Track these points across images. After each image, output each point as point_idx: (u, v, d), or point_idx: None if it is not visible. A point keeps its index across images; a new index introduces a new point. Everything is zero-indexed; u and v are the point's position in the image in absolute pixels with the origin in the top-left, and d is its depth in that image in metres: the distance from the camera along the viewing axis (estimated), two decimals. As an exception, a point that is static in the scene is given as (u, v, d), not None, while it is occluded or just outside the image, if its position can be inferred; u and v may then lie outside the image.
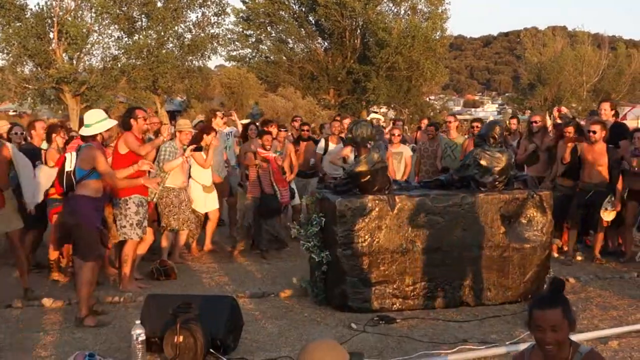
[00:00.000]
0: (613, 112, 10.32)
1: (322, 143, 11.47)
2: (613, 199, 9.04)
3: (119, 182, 7.30)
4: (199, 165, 9.61)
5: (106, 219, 7.68)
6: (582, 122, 10.41)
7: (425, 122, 14.10)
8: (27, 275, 7.92)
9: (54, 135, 8.96)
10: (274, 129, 10.68)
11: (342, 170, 9.78)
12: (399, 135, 11.53)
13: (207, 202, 9.87)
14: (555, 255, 9.48)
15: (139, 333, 5.51)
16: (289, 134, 12.47)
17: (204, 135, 9.54)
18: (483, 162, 7.50)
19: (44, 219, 8.72)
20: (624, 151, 9.30)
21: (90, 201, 6.80)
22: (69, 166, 6.86)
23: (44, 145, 9.31)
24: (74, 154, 6.93)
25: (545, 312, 3.40)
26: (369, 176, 7.15)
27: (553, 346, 3.37)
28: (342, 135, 11.14)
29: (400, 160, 11.04)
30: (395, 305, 7.13)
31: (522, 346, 5.62)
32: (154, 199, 8.70)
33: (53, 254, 8.67)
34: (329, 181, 9.25)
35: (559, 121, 10.73)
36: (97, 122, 6.99)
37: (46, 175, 8.27)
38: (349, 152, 9.52)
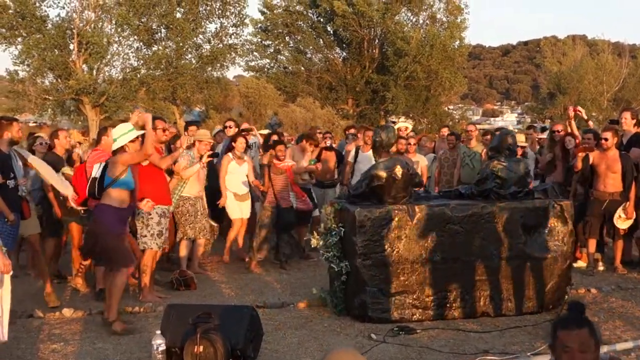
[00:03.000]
0: (634, 121, 10.25)
1: (353, 151, 11.45)
2: (627, 206, 9.03)
3: (148, 147, 7.16)
4: (232, 174, 9.80)
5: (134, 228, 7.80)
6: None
7: (445, 131, 13.97)
8: (50, 281, 8.01)
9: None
10: (309, 145, 10.76)
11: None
12: (414, 145, 11.50)
13: (243, 210, 9.98)
14: (582, 264, 9.45)
15: (159, 343, 5.54)
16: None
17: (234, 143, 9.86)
18: (501, 174, 7.49)
19: (62, 227, 8.82)
20: (637, 157, 9.28)
21: (115, 211, 6.86)
22: (96, 173, 6.95)
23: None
24: (102, 164, 7.02)
25: (572, 332, 3.31)
26: (383, 181, 7.16)
27: None
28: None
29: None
30: (415, 316, 7.11)
31: (544, 358, 5.63)
32: (171, 209, 8.76)
33: (77, 262, 8.78)
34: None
35: (572, 119, 10.65)
36: (122, 134, 7.04)
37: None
38: (351, 147, 9.69)
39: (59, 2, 35.75)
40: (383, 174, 7.16)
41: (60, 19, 34.72)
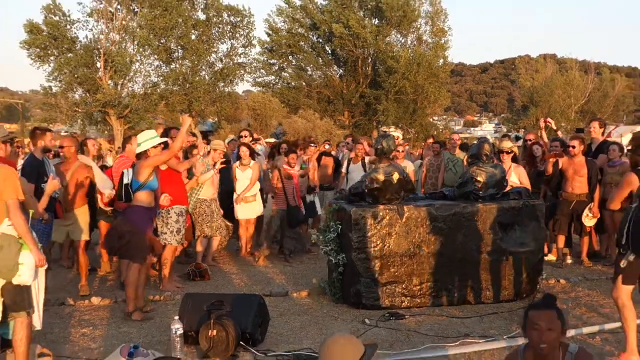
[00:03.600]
0: (602, 129, 10.28)
1: (345, 163, 11.56)
2: (592, 206, 9.07)
3: (177, 145, 7.23)
4: (237, 180, 9.85)
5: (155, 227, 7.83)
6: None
7: (430, 140, 14.10)
8: (86, 275, 8.09)
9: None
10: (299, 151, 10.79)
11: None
12: (403, 152, 11.53)
13: (249, 211, 9.97)
14: (552, 258, 9.47)
15: (177, 328, 5.54)
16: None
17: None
18: (480, 179, 7.50)
19: (92, 225, 8.88)
20: (602, 163, 9.32)
21: (145, 211, 6.92)
22: (127, 180, 6.99)
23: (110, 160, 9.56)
24: (131, 170, 7.05)
25: (542, 312, 3.39)
26: (381, 184, 7.17)
27: (547, 345, 3.34)
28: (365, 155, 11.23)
29: None
30: (404, 303, 7.12)
31: (519, 341, 5.64)
32: (190, 210, 8.79)
33: (106, 256, 8.83)
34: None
35: (542, 129, 10.73)
36: (146, 140, 7.09)
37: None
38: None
39: (87, 25, 35.84)
40: (381, 177, 7.18)
41: (89, 40, 34.79)
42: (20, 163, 8.58)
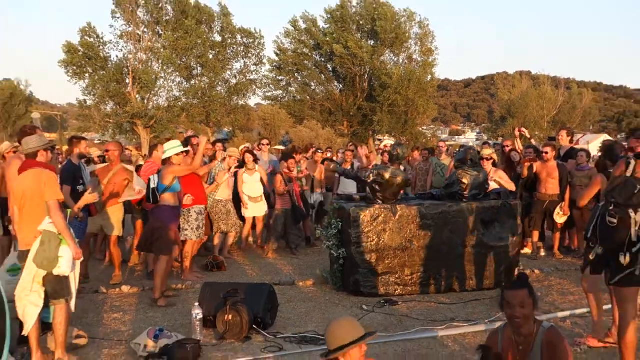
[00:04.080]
0: (569, 137, 10.28)
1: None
2: (563, 205, 9.07)
3: (197, 162, 7.55)
4: (245, 183, 9.78)
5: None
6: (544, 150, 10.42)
7: (416, 153, 13.90)
8: (119, 265, 8.12)
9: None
10: (299, 157, 10.76)
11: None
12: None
13: (257, 209, 9.90)
14: (528, 251, 9.46)
15: (197, 313, 5.56)
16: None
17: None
18: (465, 180, 7.49)
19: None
20: (571, 168, 9.32)
21: (171, 210, 6.98)
22: (153, 184, 7.04)
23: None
24: (156, 175, 7.10)
25: (514, 291, 3.42)
26: (385, 182, 7.18)
27: (521, 320, 3.37)
28: (354, 161, 11.24)
29: None
30: (397, 291, 7.12)
31: (498, 324, 5.63)
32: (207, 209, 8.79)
33: (136, 250, 8.89)
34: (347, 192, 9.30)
35: (517, 137, 10.75)
36: (171, 148, 7.19)
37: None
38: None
39: (117, 46, 36.01)
40: (387, 175, 7.20)
41: (119, 59, 34.89)
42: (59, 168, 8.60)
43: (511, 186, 8.56)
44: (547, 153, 9.10)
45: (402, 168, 11.20)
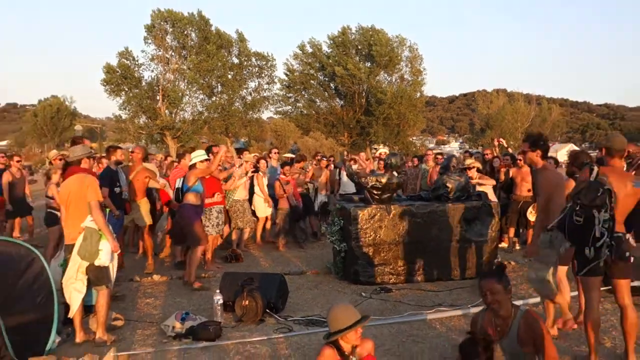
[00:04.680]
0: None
1: (337, 174, 11.59)
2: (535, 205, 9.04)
3: (214, 165, 7.63)
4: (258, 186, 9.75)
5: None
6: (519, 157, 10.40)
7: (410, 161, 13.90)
8: (152, 255, 8.18)
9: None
10: (300, 163, 10.77)
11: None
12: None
13: (266, 209, 9.91)
14: (504, 245, 9.42)
15: (218, 298, 5.56)
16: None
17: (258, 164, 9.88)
18: (449, 185, 7.49)
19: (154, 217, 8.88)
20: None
21: (193, 207, 7.02)
22: (179, 185, 7.10)
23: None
24: (182, 179, 7.17)
25: (485, 280, 3.44)
26: (382, 185, 7.22)
27: (493, 304, 3.38)
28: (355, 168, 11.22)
29: None
30: (391, 280, 7.10)
31: (479, 308, 5.61)
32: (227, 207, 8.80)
33: (168, 242, 8.89)
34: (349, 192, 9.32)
35: (496, 147, 10.74)
36: (197, 156, 7.31)
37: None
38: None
39: (149, 67, 36.06)
40: (384, 180, 7.24)
41: (150, 79, 35.01)
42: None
43: (490, 182, 8.60)
44: (521, 160, 9.08)
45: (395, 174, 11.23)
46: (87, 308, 5.23)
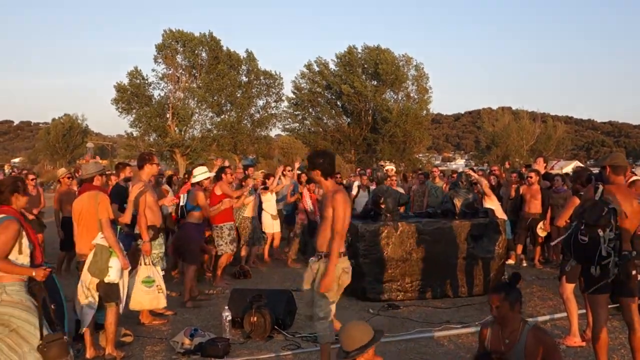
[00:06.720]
0: (545, 164, 10.28)
1: (353, 191, 11.30)
2: (544, 222, 8.98)
3: (210, 211, 7.48)
4: (266, 202, 9.74)
5: (212, 238, 7.87)
6: (523, 170, 10.40)
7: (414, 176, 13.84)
8: None
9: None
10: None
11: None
12: (395, 180, 11.47)
13: (274, 226, 9.89)
14: (512, 261, 9.35)
15: (227, 314, 5.53)
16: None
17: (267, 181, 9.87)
18: (456, 201, 7.48)
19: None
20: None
21: (195, 226, 6.98)
22: (182, 202, 7.07)
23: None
24: (186, 195, 7.14)
25: (493, 294, 3.44)
26: (381, 199, 7.30)
27: (499, 317, 3.39)
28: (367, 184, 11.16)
29: None
30: (399, 297, 7.06)
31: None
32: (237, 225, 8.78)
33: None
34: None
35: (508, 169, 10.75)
36: (200, 174, 7.23)
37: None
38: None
39: (159, 86, 36.41)
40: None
41: (161, 97, 35.35)
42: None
43: (494, 198, 8.60)
44: (531, 177, 9.06)
45: (401, 190, 11.23)
46: (98, 325, 5.22)
